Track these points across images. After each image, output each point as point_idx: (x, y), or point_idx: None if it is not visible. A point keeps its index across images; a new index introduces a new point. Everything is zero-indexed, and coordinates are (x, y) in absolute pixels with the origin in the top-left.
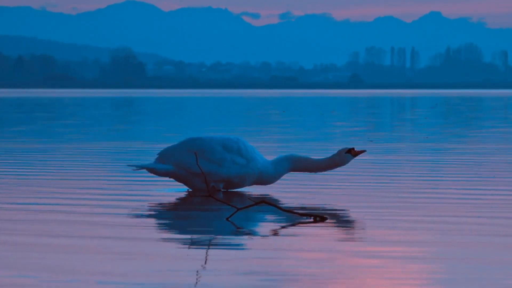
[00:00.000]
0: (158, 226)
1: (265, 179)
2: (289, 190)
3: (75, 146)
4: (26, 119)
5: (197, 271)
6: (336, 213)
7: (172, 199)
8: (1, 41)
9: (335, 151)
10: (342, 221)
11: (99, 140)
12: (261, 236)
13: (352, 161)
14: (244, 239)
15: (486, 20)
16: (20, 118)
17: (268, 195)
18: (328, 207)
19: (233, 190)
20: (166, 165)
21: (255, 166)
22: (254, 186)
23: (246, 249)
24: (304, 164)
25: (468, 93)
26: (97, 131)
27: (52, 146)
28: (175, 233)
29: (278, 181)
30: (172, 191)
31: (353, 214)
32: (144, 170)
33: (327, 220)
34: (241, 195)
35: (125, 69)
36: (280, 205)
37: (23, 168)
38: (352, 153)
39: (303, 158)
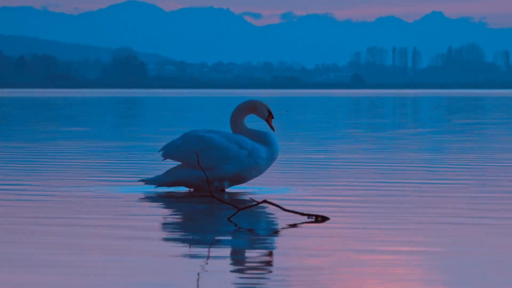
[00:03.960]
0: (160, 226)
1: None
2: (292, 190)
3: (76, 145)
4: (28, 119)
5: (198, 271)
6: (338, 213)
7: (173, 199)
8: (2, 41)
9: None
10: (344, 221)
11: (100, 139)
12: (263, 236)
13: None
14: (245, 239)
15: (487, 20)
16: (21, 117)
17: (270, 195)
18: (330, 207)
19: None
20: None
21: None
22: (255, 185)
23: (247, 249)
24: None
25: (469, 93)
26: (98, 131)
27: (54, 145)
28: (176, 233)
29: (280, 181)
30: (174, 190)
31: (355, 214)
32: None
33: (329, 220)
34: (243, 195)
35: (126, 69)
36: (282, 205)
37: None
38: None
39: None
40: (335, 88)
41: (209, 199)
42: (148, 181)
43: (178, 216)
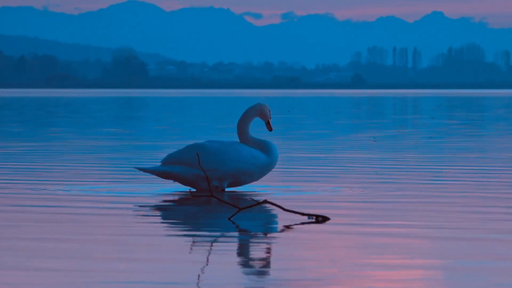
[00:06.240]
0: (161, 226)
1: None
2: (292, 190)
3: (77, 145)
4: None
5: (199, 271)
6: (338, 213)
7: (174, 199)
8: (3, 41)
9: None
10: (344, 221)
11: (101, 139)
12: (263, 236)
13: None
14: (246, 239)
15: (488, 20)
16: (22, 117)
17: (270, 195)
18: (330, 207)
19: (239, 186)
20: (174, 167)
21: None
22: (256, 184)
23: (248, 248)
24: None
25: (470, 93)
26: (99, 131)
27: (56, 144)
28: (177, 233)
29: (280, 181)
30: (175, 191)
31: (355, 214)
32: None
33: (330, 220)
34: (244, 195)
35: (127, 69)
36: (283, 205)
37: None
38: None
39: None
40: (336, 88)
41: (209, 199)
42: (143, 169)
43: (178, 216)
